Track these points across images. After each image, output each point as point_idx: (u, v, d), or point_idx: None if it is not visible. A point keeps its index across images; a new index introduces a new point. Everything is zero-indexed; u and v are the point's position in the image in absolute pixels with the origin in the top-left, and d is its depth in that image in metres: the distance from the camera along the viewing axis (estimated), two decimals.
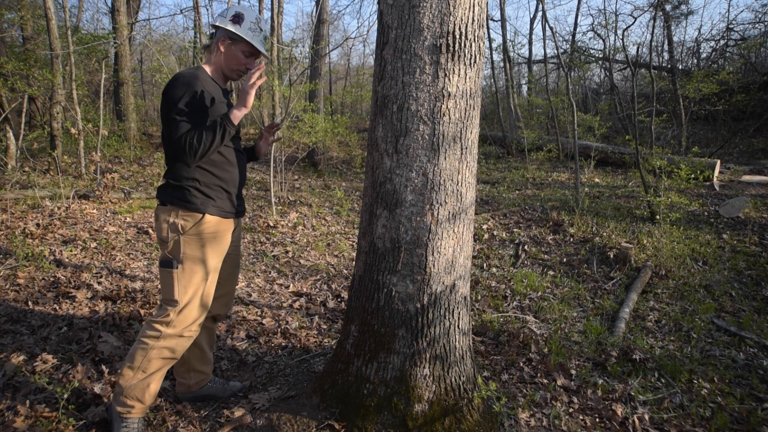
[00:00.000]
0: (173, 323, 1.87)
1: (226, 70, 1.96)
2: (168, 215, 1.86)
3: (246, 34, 1.91)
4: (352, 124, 12.84)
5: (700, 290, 3.75)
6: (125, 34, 9.93)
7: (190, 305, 1.89)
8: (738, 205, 5.62)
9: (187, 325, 1.90)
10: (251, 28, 1.93)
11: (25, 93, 6.92)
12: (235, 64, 1.94)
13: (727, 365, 2.70)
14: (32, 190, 5.45)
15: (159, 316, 1.88)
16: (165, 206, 1.88)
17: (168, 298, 1.88)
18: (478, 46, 1.85)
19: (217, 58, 1.94)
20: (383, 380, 1.95)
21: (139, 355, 1.87)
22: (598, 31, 14.79)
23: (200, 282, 1.89)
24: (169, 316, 1.87)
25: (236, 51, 1.92)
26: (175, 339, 1.89)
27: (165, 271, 1.88)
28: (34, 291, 3.21)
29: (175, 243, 1.85)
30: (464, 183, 1.92)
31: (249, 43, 1.92)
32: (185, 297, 1.87)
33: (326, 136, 8.76)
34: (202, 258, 1.89)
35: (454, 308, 1.99)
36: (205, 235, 1.88)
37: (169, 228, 1.86)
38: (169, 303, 1.89)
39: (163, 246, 1.89)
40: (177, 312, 1.87)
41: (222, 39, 1.91)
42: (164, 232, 1.87)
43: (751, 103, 10.50)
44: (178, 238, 1.84)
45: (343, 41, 18.48)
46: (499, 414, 2.10)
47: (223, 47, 1.92)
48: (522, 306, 3.50)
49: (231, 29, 1.89)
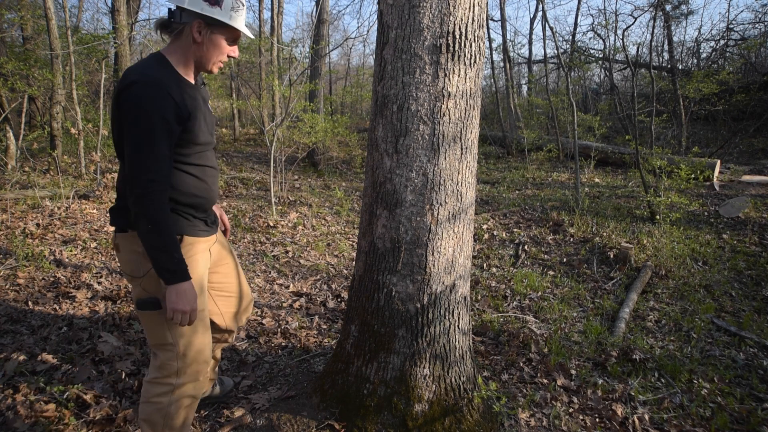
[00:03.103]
0: (182, 371, 1.54)
1: (204, 62, 1.54)
2: (132, 244, 1.49)
3: (230, 17, 1.49)
4: (352, 124, 12.83)
5: (700, 290, 3.75)
6: (125, 34, 9.93)
7: (191, 344, 1.55)
8: (738, 205, 5.62)
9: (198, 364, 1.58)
10: (233, 7, 1.49)
11: (25, 93, 6.92)
12: (216, 56, 1.54)
13: (727, 365, 2.70)
14: (32, 190, 5.45)
15: (159, 370, 1.55)
16: (125, 233, 1.50)
17: (159, 343, 1.53)
18: (478, 46, 1.85)
19: (188, 49, 1.51)
20: (383, 380, 1.95)
21: (157, 416, 1.56)
22: (598, 31, 14.80)
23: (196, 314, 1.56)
24: (172, 365, 1.54)
25: (218, 40, 1.51)
26: (191, 384, 1.58)
27: (147, 315, 1.51)
28: (34, 291, 3.21)
29: (152, 278, 1.48)
30: (464, 183, 1.92)
31: (234, 28, 1.52)
32: (182, 338, 1.52)
33: (326, 136, 8.75)
34: None
35: (454, 308, 1.99)
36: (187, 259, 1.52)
37: (138, 259, 1.48)
38: (163, 349, 1.54)
39: (135, 283, 1.51)
40: (179, 357, 1.54)
41: (197, 26, 1.47)
42: (133, 265, 1.50)
43: (751, 103, 10.50)
44: (151, 270, 1.47)
45: (343, 41, 18.48)
46: (499, 414, 2.10)
47: (200, 37, 1.49)
48: (522, 306, 3.50)
49: (209, 14, 1.45)
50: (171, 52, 1.52)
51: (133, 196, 1.39)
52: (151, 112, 1.37)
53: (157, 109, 1.38)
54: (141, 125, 1.37)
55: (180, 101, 1.44)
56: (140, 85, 1.38)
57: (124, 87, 1.39)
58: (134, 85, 1.38)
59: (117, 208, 1.52)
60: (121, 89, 1.40)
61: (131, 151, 1.38)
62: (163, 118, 1.39)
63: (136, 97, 1.37)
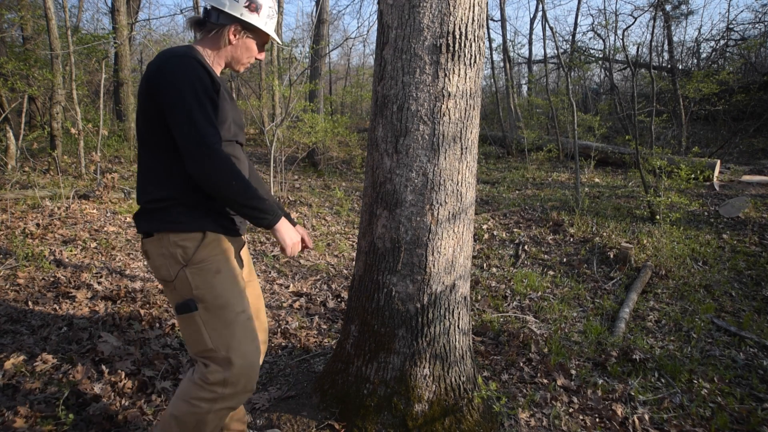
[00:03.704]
0: (228, 381, 1.44)
1: (234, 62, 1.63)
2: (160, 247, 1.46)
3: (264, 24, 1.59)
4: (352, 124, 12.83)
5: (700, 290, 3.75)
6: (125, 34, 9.93)
7: (234, 349, 1.45)
8: (738, 205, 5.62)
9: (246, 374, 1.47)
10: (269, 15, 1.61)
11: (25, 93, 6.93)
12: (247, 58, 1.63)
13: (727, 365, 2.70)
14: (32, 190, 5.45)
15: (207, 376, 1.45)
16: (151, 237, 1.47)
17: (201, 349, 1.46)
18: (478, 46, 1.85)
19: (221, 48, 1.58)
20: (383, 380, 1.95)
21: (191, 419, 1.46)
22: (598, 31, 14.80)
23: (235, 315, 1.48)
24: (218, 373, 1.44)
25: (251, 43, 1.61)
26: (236, 396, 1.48)
27: (184, 318, 1.46)
28: (34, 291, 3.21)
29: (182, 279, 1.44)
30: (464, 183, 1.92)
31: (267, 34, 1.62)
32: (222, 341, 1.45)
33: (326, 136, 8.76)
34: (223, 284, 1.48)
35: (454, 308, 1.99)
36: (214, 257, 1.48)
37: (167, 263, 1.45)
38: (205, 356, 1.46)
39: (169, 287, 1.48)
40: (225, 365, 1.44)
41: (234, 30, 1.56)
42: (163, 270, 1.46)
43: (751, 103, 10.50)
44: (182, 271, 1.44)
45: (343, 41, 18.47)
46: (499, 414, 2.10)
47: (235, 39, 1.57)
48: (522, 306, 3.50)
49: (248, 20, 1.55)
50: (202, 46, 1.57)
51: (203, 160, 1.36)
52: (190, 77, 1.40)
53: (195, 75, 1.41)
54: (184, 91, 1.38)
55: (212, 75, 1.47)
56: (173, 59, 1.41)
57: (156, 67, 1.41)
58: (166, 61, 1.41)
59: (140, 212, 1.50)
60: (152, 71, 1.41)
61: (183, 120, 1.37)
62: (201, 81, 1.41)
63: (172, 68, 1.40)
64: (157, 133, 1.45)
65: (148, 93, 1.43)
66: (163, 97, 1.39)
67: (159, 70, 1.41)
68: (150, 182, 1.48)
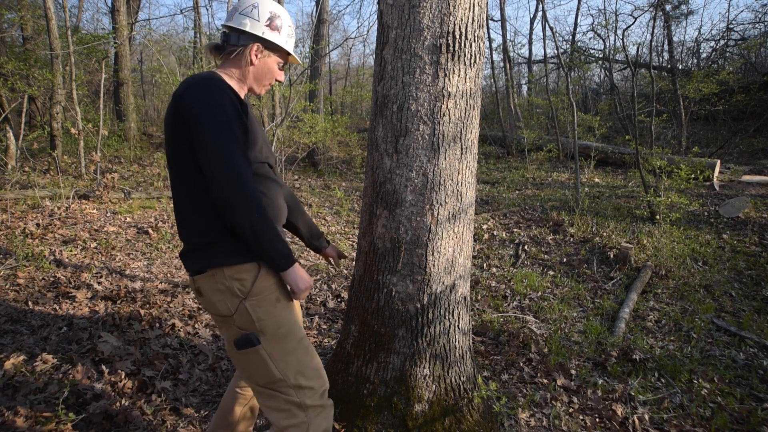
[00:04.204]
0: (304, 404, 1.43)
1: (255, 84, 1.56)
2: (214, 283, 1.40)
3: (286, 43, 1.55)
4: (352, 124, 12.83)
5: (700, 290, 3.75)
6: (125, 34, 9.93)
7: (301, 370, 1.44)
8: (738, 205, 5.62)
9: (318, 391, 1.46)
10: (289, 34, 1.57)
11: (25, 93, 6.93)
12: (268, 79, 1.57)
13: (727, 365, 2.70)
14: (32, 190, 5.45)
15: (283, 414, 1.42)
16: (204, 273, 1.41)
17: (267, 381, 1.42)
18: (478, 46, 1.85)
19: (243, 70, 1.52)
20: (383, 380, 1.95)
21: None
22: (598, 31, 14.80)
23: (297, 342, 1.45)
24: (292, 401, 1.42)
25: (272, 63, 1.55)
26: (321, 414, 1.46)
27: (247, 353, 1.41)
28: (34, 291, 3.21)
29: (242, 313, 1.39)
30: (464, 183, 1.92)
31: (287, 53, 1.57)
32: (289, 369, 1.42)
33: (326, 136, 8.76)
34: (283, 312, 1.44)
35: (454, 308, 1.99)
36: (272, 285, 1.43)
37: (224, 298, 1.40)
38: (275, 389, 1.43)
39: (227, 323, 1.42)
40: (295, 389, 1.42)
41: (256, 50, 1.50)
42: (221, 306, 1.40)
43: (751, 103, 10.50)
44: (241, 304, 1.39)
45: (343, 41, 18.46)
46: (499, 414, 2.10)
47: (258, 59, 1.52)
48: (522, 306, 3.50)
49: (270, 38, 1.50)
50: (224, 71, 1.52)
51: (229, 187, 1.30)
52: (219, 99, 1.34)
53: (224, 98, 1.35)
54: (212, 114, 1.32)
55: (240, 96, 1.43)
56: (200, 82, 1.36)
57: (182, 93, 1.36)
58: (192, 86, 1.36)
59: (188, 250, 1.44)
60: (178, 97, 1.36)
61: (210, 143, 1.31)
62: (231, 104, 1.36)
63: (199, 92, 1.35)
64: (190, 166, 1.38)
65: (176, 121, 1.36)
66: (191, 122, 1.33)
67: (185, 95, 1.35)
68: (192, 217, 1.42)
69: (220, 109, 1.33)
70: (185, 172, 1.40)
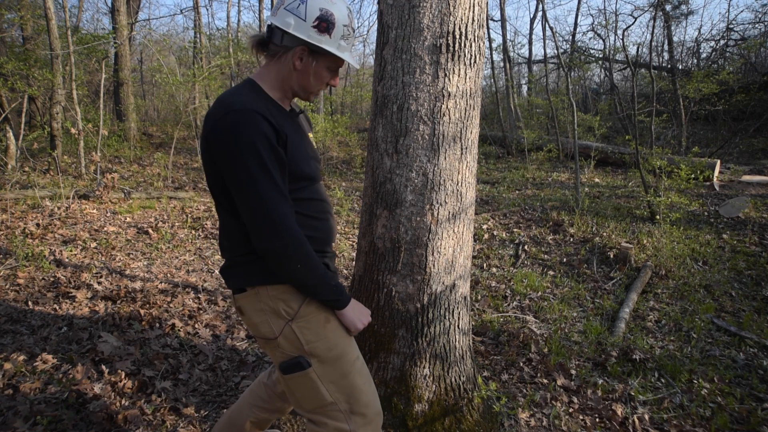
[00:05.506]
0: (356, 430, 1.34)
1: (302, 91, 1.37)
2: (257, 302, 1.30)
3: (338, 46, 1.32)
4: (352, 124, 12.83)
5: (700, 290, 3.75)
6: (125, 34, 9.94)
7: (357, 399, 1.34)
8: (738, 205, 5.62)
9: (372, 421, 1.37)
10: (343, 36, 1.32)
11: (25, 93, 6.93)
12: (315, 85, 1.36)
13: (727, 365, 2.70)
14: (32, 190, 5.45)
15: None
16: (245, 292, 1.32)
17: (318, 406, 1.33)
18: (478, 46, 1.85)
19: (285, 76, 1.34)
20: (383, 380, 1.95)
21: None
22: (598, 31, 14.81)
23: (351, 364, 1.35)
24: (341, 423, 1.32)
25: (319, 68, 1.34)
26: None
27: (297, 377, 1.31)
28: (34, 291, 3.21)
29: (289, 336, 1.29)
30: (464, 183, 1.92)
31: (340, 57, 1.34)
32: (341, 393, 1.33)
33: (326, 136, 8.76)
34: (335, 333, 1.34)
35: (454, 308, 1.99)
36: (321, 307, 1.33)
37: (268, 319, 1.30)
38: (325, 414, 1.33)
39: (271, 345, 1.32)
40: (348, 415, 1.33)
41: (300, 53, 1.31)
42: (263, 327, 1.31)
43: (751, 103, 10.50)
44: (287, 326, 1.29)
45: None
46: (499, 414, 2.10)
47: (301, 64, 1.32)
48: (522, 306, 3.50)
49: (316, 43, 1.29)
50: (264, 77, 1.35)
51: (270, 237, 1.21)
52: (249, 138, 1.19)
53: (254, 135, 1.20)
54: (245, 156, 1.19)
55: (277, 126, 1.25)
56: (231, 115, 1.21)
57: (212, 126, 1.23)
58: (222, 119, 1.22)
59: (229, 266, 1.35)
60: (209, 129, 1.23)
61: (245, 188, 1.20)
62: (265, 138, 1.21)
63: (227, 135, 1.20)
64: (230, 194, 1.28)
65: (209, 154, 1.25)
66: (222, 162, 1.22)
67: (215, 129, 1.22)
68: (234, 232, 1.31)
69: (253, 149, 1.19)
70: (227, 200, 1.30)
